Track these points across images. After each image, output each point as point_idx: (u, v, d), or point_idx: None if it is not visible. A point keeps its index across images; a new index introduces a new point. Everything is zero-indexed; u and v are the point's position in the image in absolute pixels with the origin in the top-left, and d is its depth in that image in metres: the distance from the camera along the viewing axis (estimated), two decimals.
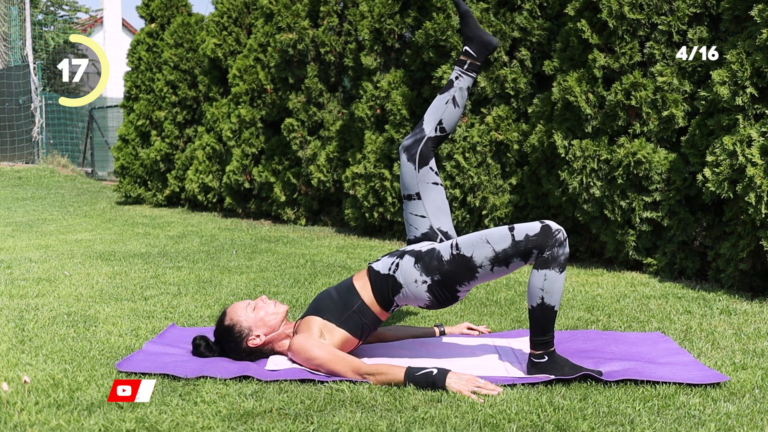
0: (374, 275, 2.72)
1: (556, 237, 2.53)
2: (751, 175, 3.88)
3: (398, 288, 2.67)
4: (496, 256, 2.55)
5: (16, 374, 2.52)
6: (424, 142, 2.88)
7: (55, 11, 24.84)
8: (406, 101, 6.18)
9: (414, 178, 2.87)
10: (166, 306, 3.70)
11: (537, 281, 2.53)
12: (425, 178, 2.86)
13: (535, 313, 2.55)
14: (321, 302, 2.76)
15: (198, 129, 9.30)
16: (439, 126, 2.89)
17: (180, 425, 2.10)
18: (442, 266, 2.62)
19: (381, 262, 2.76)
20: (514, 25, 5.53)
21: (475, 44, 2.94)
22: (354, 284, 2.75)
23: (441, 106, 2.90)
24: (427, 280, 2.64)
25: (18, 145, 15.82)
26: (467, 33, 2.95)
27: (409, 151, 2.88)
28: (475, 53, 2.93)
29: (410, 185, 2.88)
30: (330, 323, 2.69)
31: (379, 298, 2.70)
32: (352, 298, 2.71)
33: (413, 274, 2.65)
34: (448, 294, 2.65)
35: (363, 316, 2.69)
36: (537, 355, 2.57)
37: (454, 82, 2.92)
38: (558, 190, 4.99)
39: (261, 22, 8.09)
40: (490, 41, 2.94)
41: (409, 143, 2.89)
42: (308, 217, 7.70)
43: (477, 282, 2.62)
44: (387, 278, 2.69)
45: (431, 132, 2.89)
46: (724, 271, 4.17)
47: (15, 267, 4.82)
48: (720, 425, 2.08)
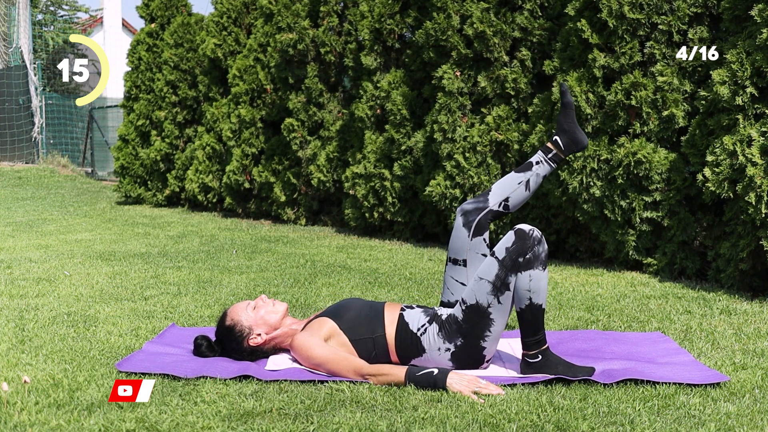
0: (402, 325, 2.69)
1: (532, 236, 2.54)
2: (751, 175, 3.88)
3: (421, 352, 2.66)
4: (494, 285, 2.55)
5: (16, 374, 2.52)
6: (485, 212, 2.82)
7: (55, 11, 24.83)
8: (407, 101, 6.18)
9: (465, 245, 2.82)
10: (166, 306, 3.70)
11: (523, 284, 2.53)
12: (476, 248, 2.82)
13: (525, 314, 2.55)
14: (346, 311, 2.73)
15: (198, 129, 9.30)
16: (504, 202, 2.84)
17: (180, 425, 2.10)
18: (461, 327, 2.61)
19: (414, 313, 2.72)
20: (515, 24, 5.53)
21: (567, 137, 2.88)
22: (384, 314, 2.72)
23: (513, 184, 2.85)
24: (450, 348, 2.63)
25: (18, 145, 15.82)
26: (563, 125, 2.90)
27: (467, 216, 2.83)
28: (564, 146, 2.88)
29: (459, 251, 2.83)
30: (343, 335, 2.67)
31: (398, 347, 2.68)
32: (376, 327, 2.69)
33: (437, 342, 2.64)
34: (472, 354, 2.63)
35: (377, 347, 2.68)
36: (530, 354, 2.57)
37: (533, 166, 2.87)
38: (558, 189, 4.99)
39: (261, 22, 8.09)
40: (581, 140, 2.89)
41: (470, 209, 2.84)
42: (308, 217, 7.70)
43: (496, 326, 2.60)
44: (413, 338, 2.67)
45: (495, 206, 2.83)
46: (724, 271, 4.17)
47: (15, 267, 4.82)
48: (720, 425, 2.08)
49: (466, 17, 5.72)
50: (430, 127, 5.85)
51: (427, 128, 5.90)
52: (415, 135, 6.11)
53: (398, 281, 4.38)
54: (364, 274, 4.61)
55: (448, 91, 5.69)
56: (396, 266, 4.96)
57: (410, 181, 6.20)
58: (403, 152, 6.22)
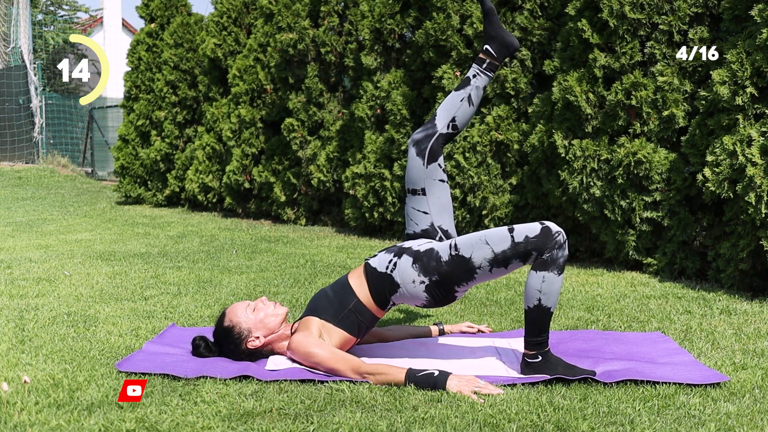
0: (371, 273, 2.71)
1: (555, 239, 2.51)
2: (751, 175, 3.88)
3: (395, 287, 2.66)
4: (495, 257, 2.54)
5: (16, 374, 2.52)
6: (435, 137, 2.84)
7: (55, 11, 24.84)
8: (407, 101, 6.18)
9: (421, 173, 2.84)
10: (166, 306, 3.70)
11: (535, 283, 2.52)
12: (432, 175, 2.83)
13: (532, 314, 2.54)
14: (317, 302, 2.75)
15: (198, 129, 9.30)
16: (451, 123, 2.85)
17: (180, 425, 2.10)
18: (441, 267, 2.60)
19: (378, 258, 2.74)
20: (515, 24, 5.53)
21: (496, 44, 2.88)
22: (350, 282, 2.74)
23: (456, 102, 2.86)
24: (425, 281, 2.62)
25: (18, 145, 15.82)
26: (489, 32, 2.89)
27: (419, 145, 2.84)
28: (496, 53, 2.88)
29: (416, 180, 2.85)
30: (328, 323, 2.68)
31: (375, 297, 2.69)
32: (347, 297, 2.70)
33: (411, 274, 2.64)
34: (445, 293, 2.64)
35: (359, 314, 2.69)
36: (531, 355, 2.56)
37: (471, 80, 2.88)
38: (558, 190, 4.99)
39: (261, 22, 8.09)
40: (511, 42, 2.89)
41: (420, 137, 2.85)
42: (308, 217, 7.69)
43: (475, 282, 2.62)
44: (384, 277, 2.67)
45: (443, 128, 2.85)
46: (724, 271, 4.17)
47: (15, 267, 4.82)
48: (720, 425, 2.08)
49: (466, 17, 5.72)
50: None
51: None
52: None
53: None
54: None
55: (448, 91, 5.69)
56: None
57: None
58: (403, 152, 6.22)
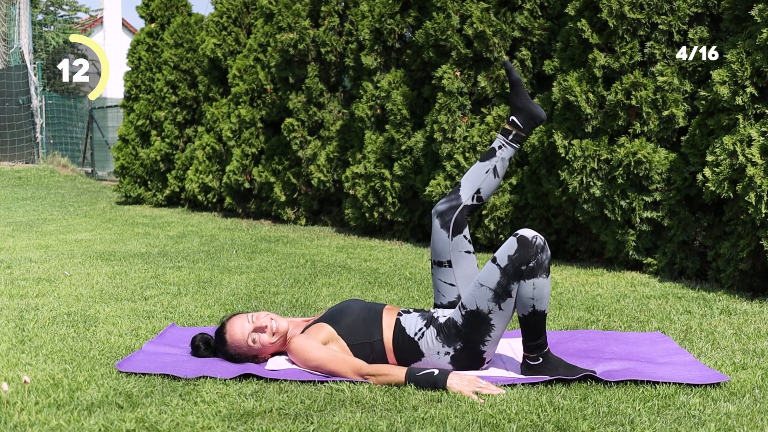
0: (400, 330, 2.67)
1: (535, 245, 2.49)
2: (751, 175, 3.88)
3: (419, 356, 2.64)
4: (495, 292, 2.53)
5: (16, 374, 2.52)
6: (460, 210, 2.79)
7: (55, 11, 24.84)
8: (407, 101, 6.18)
9: (447, 246, 2.79)
10: (166, 306, 3.70)
11: (526, 292, 2.50)
12: (458, 247, 2.79)
13: (528, 320, 2.54)
14: (343, 316, 2.71)
15: (198, 129, 9.30)
16: (476, 195, 2.81)
17: (180, 425, 2.10)
18: (460, 332, 2.59)
19: (410, 318, 2.70)
20: (515, 24, 5.53)
21: (523, 115, 2.84)
22: (383, 318, 2.70)
23: (481, 174, 2.82)
24: (450, 351, 2.61)
25: (18, 145, 15.82)
26: (516, 103, 2.85)
27: (443, 217, 2.80)
28: (522, 125, 2.83)
29: (442, 253, 2.80)
30: (341, 340, 2.66)
31: (396, 350, 2.66)
32: (374, 331, 2.67)
33: (435, 346, 2.62)
34: (472, 357, 2.61)
35: (375, 351, 2.66)
36: (531, 357, 2.56)
37: (496, 151, 2.83)
38: (558, 189, 4.99)
39: (261, 22, 8.09)
40: (538, 114, 2.84)
41: (444, 209, 2.81)
42: (308, 217, 7.69)
43: (496, 332, 2.58)
44: (411, 342, 2.65)
45: (468, 200, 2.80)
46: (724, 271, 4.17)
47: (15, 267, 4.82)
48: (720, 425, 2.08)
49: (466, 17, 5.72)
50: (430, 127, 5.85)
51: (427, 128, 5.90)
52: (415, 135, 6.11)
53: (398, 281, 4.38)
54: (364, 274, 4.61)
55: (448, 91, 5.69)
56: (396, 266, 4.96)
57: (410, 181, 6.20)
58: (403, 152, 6.22)
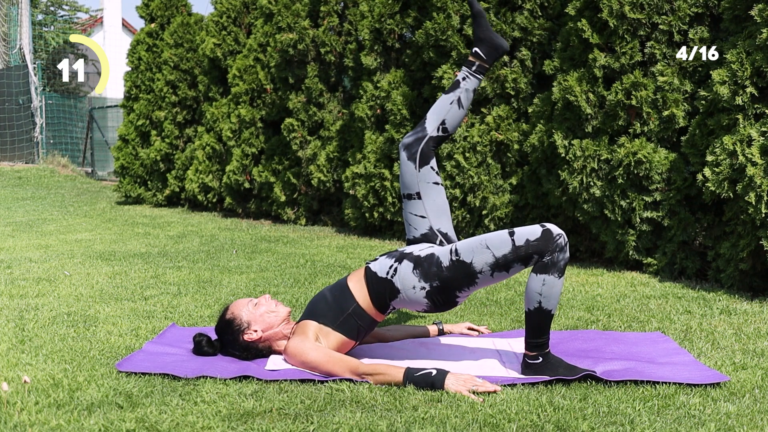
0: (371, 277, 2.69)
1: (557, 242, 2.49)
2: (751, 175, 3.88)
3: (396, 293, 2.65)
4: (496, 261, 2.53)
5: (16, 374, 2.52)
6: (426, 141, 2.84)
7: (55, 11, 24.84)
8: (407, 101, 6.17)
9: (414, 178, 2.84)
10: (166, 306, 3.70)
11: (535, 285, 2.51)
12: (426, 178, 2.83)
13: (532, 316, 2.54)
14: (316, 305, 2.74)
15: (198, 129, 9.30)
16: (441, 126, 2.85)
17: (180, 425, 2.10)
18: (441, 272, 2.59)
19: (379, 262, 2.73)
20: (515, 24, 5.53)
21: (485, 46, 2.89)
22: (349, 285, 2.72)
23: (445, 105, 2.87)
24: (425, 287, 2.61)
25: (18, 145, 15.82)
26: (479, 34, 2.90)
27: (410, 149, 2.85)
28: (485, 55, 2.89)
29: (410, 184, 2.85)
30: (325, 327, 2.67)
31: (375, 301, 2.68)
32: (347, 301, 2.69)
33: (412, 280, 2.62)
34: (446, 299, 2.63)
35: (359, 318, 2.68)
36: (531, 356, 2.56)
37: (460, 82, 2.88)
38: (558, 189, 4.99)
39: (261, 22, 8.09)
40: (500, 44, 2.89)
41: (410, 141, 2.86)
42: (308, 217, 7.69)
43: (476, 288, 2.60)
44: (384, 282, 2.66)
45: (433, 131, 2.85)
46: (724, 271, 4.17)
47: (15, 267, 4.82)
48: (720, 425, 2.08)
49: (466, 17, 5.72)
50: None
51: None
52: None
53: None
54: None
55: None
56: None
57: None
58: None
